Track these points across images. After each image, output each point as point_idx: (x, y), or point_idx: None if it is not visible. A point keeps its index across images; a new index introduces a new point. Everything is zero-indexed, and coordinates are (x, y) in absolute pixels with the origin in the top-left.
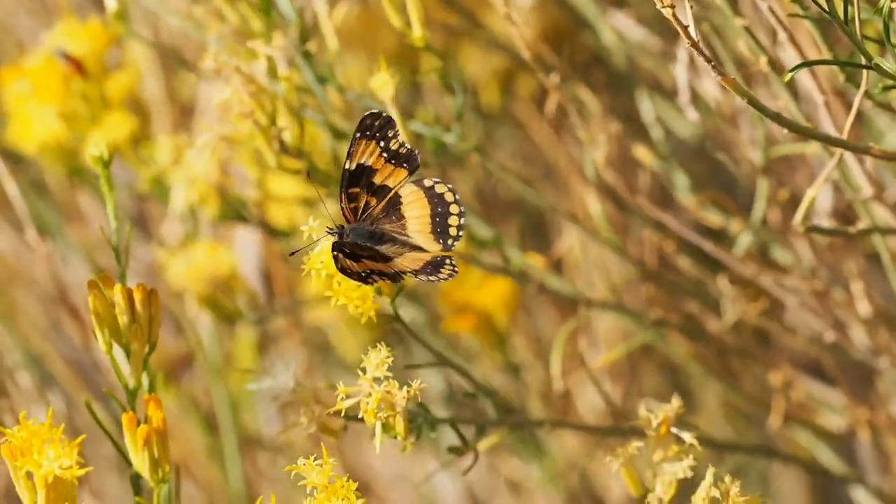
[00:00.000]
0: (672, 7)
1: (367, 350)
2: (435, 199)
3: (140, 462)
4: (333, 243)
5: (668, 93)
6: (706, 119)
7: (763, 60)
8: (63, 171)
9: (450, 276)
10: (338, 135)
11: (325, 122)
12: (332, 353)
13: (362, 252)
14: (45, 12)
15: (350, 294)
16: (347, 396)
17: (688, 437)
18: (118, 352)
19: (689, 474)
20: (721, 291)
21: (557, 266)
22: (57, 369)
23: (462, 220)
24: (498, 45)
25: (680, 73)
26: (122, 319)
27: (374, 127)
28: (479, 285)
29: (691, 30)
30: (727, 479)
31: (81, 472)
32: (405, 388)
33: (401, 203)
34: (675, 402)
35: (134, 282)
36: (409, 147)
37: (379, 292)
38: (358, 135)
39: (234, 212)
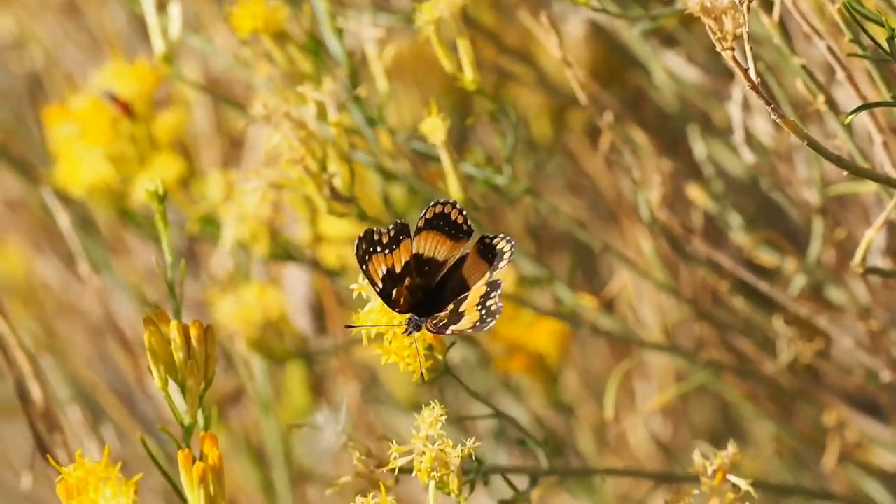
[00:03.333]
0: (732, 49)
1: (420, 406)
2: (441, 222)
3: (196, 499)
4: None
5: (720, 131)
6: (760, 158)
7: (821, 100)
8: (111, 212)
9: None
10: (388, 177)
11: (375, 164)
12: (383, 389)
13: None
14: (94, 45)
15: (401, 352)
16: (400, 455)
17: (744, 484)
18: (173, 388)
19: None
20: (776, 331)
21: (610, 305)
22: (107, 402)
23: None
24: (548, 85)
25: (735, 112)
26: (178, 356)
27: (368, 245)
28: (531, 324)
29: (751, 72)
30: None
31: None
32: (459, 446)
33: (423, 255)
34: (731, 449)
35: (185, 317)
36: (394, 224)
37: (430, 348)
38: (364, 266)
39: (283, 251)
